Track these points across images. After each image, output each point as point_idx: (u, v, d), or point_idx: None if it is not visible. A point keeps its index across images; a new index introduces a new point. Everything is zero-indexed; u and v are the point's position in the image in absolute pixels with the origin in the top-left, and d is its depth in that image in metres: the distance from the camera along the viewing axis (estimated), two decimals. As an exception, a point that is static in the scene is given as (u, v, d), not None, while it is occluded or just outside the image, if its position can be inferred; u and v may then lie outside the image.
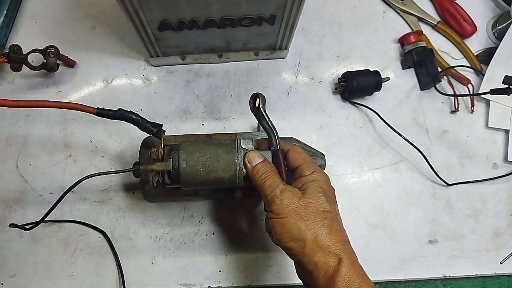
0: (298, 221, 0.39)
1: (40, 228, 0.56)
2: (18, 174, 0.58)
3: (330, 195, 0.42)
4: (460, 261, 0.59)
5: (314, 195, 0.40)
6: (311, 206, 0.40)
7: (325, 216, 0.40)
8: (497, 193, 0.61)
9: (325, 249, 0.38)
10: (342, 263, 0.37)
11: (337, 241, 0.38)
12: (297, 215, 0.39)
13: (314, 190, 0.41)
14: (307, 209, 0.39)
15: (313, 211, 0.39)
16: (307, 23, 0.66)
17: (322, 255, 0.38)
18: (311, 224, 0.39)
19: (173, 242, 0.57)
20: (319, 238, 0.38)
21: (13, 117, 0.60)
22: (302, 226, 0.39)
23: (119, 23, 0.63)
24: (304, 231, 0.38)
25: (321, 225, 0.39)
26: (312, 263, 0.38)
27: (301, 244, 0.38)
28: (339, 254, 0.37)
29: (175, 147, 0.45)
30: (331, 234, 0.39)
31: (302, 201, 0.40)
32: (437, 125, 0.63)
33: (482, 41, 0.67)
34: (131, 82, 0.62)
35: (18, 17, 0.63)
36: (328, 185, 0.43)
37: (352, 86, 0.59)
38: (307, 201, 0.40)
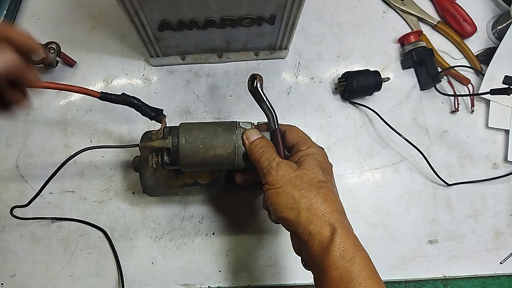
0: (293, 190, 0.39)
1: (40, 228, 0.56)
2: (18, 174, 0.58)
3: (326, 168, 0.42)
4: (460, 261, 0.59)
5: (310, 167, 0.41)
6: (306, 176, 0.40)
7: (320, 185, 0.40)
8: (497, 193, 0.61)
9: (319, 217, 0.38)
10: (337, 233, 0.36)
11: (331, 210, 0.38)
12: (292, 185, 0.39)
13: (310, 162, 0.41)
14: (302, 179, 0.39)
15: (308, 181, 0.39)
16: (307, 23, 0.66)
17: (317, 223, 0.37)
18: (305, 192, 0.39)
19: (173, 242, 0.57)
20: (314, 206, 0.38)
21: (13, 117, 0.60)
22: (297, 195, 0.39)
23: (119, 23, 0.63)
24: (298, 200, 0.38)
25: (316, 194, 0.39)
26: (307, 232, 0.38)
27: (295, 213, 0.38)
28: (334, 224, 0.37)
29: (175, 128, 0.46)
30: (325, 203, 0.38)
31: (298, 172, 0.40)
32: (437, 125, 0.63)
33: (482, 41, 0.67)
34: (131, 82, 0.62)
35: (18, 17, 0.63)
36: (324, 158, 0.43)
37: (352, 86, 0.59)
38: (302, 172, 0.40)
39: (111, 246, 0.56)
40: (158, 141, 0.43)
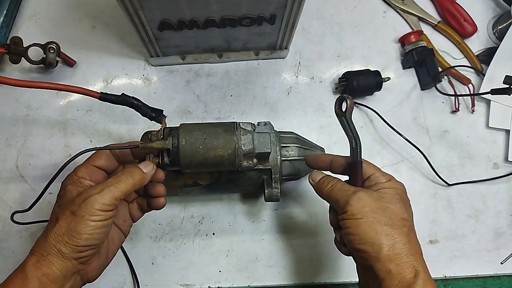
0: (375, 224, 0.37)
1: (40, 228, 0.56)
2: (18, 174, 0.58)
3: (406, 205, 0.40)
4: (461, 261, 0.59)
5: (392, 201, 0.38)
6: (388, 211, 0.38)
7: (404, 224, 0.38)
8: (497, 193, 0.61)
9: (402, 257, 0.36)
10: (419, 276, 0.35)
11: (414, 252, 0.37)
12: (374, 217, 0.37)
13: (392, 196, 0.39)
14: (385, 213, 0.37)
15: (390, 216, 0.37)
16: (308, 23, 0.66)
17: (399, 263, 0.36)
18: (389, 229, 0.37)
19: (173, 242, 0.57)
20: (397, 246, 0.36)
21: (13, 117, 0.60)
22: (380, 229, 0.37)
23: (119, 23, 0.63)
24: (381, 235, 0.36)
25: (400, 233, 0.37)
26: (386, 270, 0.36)
27: (376, 249, 0.36)
28: (416, 267, 0.36)
29: (175, 128, 0.45)
30: (409, 244, 0.37)
31: (379, 204, 0.38)
32: (438, 125, 0.63)
33: (482, 41, 0.67)
34: (131, 82, 0.62)
35: (18, 17, 0.63)
36: (405, 194, 0.41)
37: (352, 86, 0.59)
38: (384, 205, 0.38)
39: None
40: (158, 142, 0.43)
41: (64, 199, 0.39)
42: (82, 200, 0.37)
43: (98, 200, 0.37)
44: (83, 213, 0.36)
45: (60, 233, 0.36)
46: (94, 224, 0.36)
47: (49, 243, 0.36)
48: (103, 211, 0.37)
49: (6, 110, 0.60)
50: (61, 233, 0.36)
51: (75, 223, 0.36)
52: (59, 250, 0.36)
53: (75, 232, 0.36)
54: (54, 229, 0.36)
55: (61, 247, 0.36)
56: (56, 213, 0.38)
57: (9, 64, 0.59)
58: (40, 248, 0.36)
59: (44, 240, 0.37)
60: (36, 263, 0.36)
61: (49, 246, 0.36)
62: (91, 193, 0.37)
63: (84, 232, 0.36)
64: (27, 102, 0.60)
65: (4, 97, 0.60)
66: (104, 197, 0.37)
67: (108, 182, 0.39)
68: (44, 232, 0.38)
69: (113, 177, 0.39)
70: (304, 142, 0.52)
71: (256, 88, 0.63)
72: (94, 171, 0.43)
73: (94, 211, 0.36)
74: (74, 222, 0.36)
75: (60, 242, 0.36)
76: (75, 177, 0.41)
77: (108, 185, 0.38)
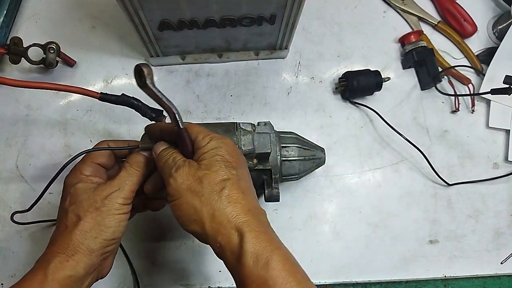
0: (193, 199, 0.35)
1: (40, 228, 0.56)
2: (18, 174, 0.58)
3: (231, 160, 0.37)
4: (461, 261, 0.59)
5: (211, 165, 0.36)
6: (206, 178, 0.35)
7: (223, 185, 0.35)
8: (497, 193, 0.61)
9: (225, 225, 0.33)
10: (245, 239, 0.32)
11: (238, 212, 0.34)
12: (192, 192, 0.35)
13: (210, 160, 0.36)
14: (202, 183, 0.35)
15: (209, 183, 0.35)
16: (308, 22, 0.66)
17: (224, 233, 0.33)
18: (206, 199, 0.34)
19: (173, 242, 0.57)
20: (217, 213, 0.34)
21: (13, 117, 0.60)
22: (198, 203, 0.34)
23: (119, 23, 0.63)
24: (200, 209, 0.34)
25: (218, 198, 0.34)
26: (216, 244, 0.34)
27: (200, 225, 0.34)
28: (241, 228, 0.33)
29: None
30: (231, 205, 0.34)
31: (198, 175, 0.35)
32: (438, 125, 0.63)
33: (482, 41, 0.67)
34: (131, 82, 0.62)
35: (18, 16, 0.63)
36: (228, 150, 0.38)
37: (352, 86, 0.59)
38: (202, 174, 0.35)
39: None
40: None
41: (78, 197, 0.39)
42: (105, 197, 0.38)
43: (119, 196, 0.38)
44: (109, 208, 0.38)
45: (86, 229, 0.37)
46: (119, 217, 0.38)
47: (74, 241, 0.36)
48: (125, 205, 0.39)
49: (6, 110, 0.60)
50: (88, 228, 0.37)
51: (102, 217, 0.37)
52: (87, 246, 0.36)
53: (103, 225, 0.37)
54: (79, 227, 0.37)
55: (89, 243, 0.36)
56: (74, 211, 0.38)
57: (9, 64, 0.59)
58: (62, 248, 0.36)
59: (67, 239, 0.37)
60: (59, 265, 0.36)
61: (75, 244, 0.36)
62: (111, 190, 0.38)
63: (112, 225, 0.38)
64: (27, 102, 0.60)
65: (4, 97, 0.60)
66: (124, 192, 0.39)
67: (121, 176, 0.40)
68: (62, 231, 0.38)
69: (123, 171, 0.40)
70: (304, 142, 0.52)
71: (256, 88, 0.63)
72: (97, 169, 0.43)
73: (118, 205, 0.38)
74: (100, 217, 0.37)
75: (88, 238, 0.36)
76: (82, 175, 0.41)
77: (124, 180, 0.39)
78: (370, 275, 0.57)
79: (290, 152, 0.50)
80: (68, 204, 0.39)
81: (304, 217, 0.58)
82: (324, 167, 0.56)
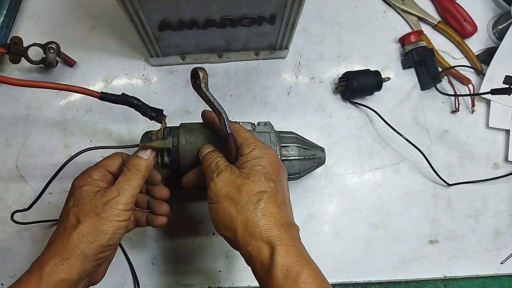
0: (230, 206, 0.35)
1: (40, 228, 0.56)
2: (18, 174, 0.58)
3: (272, 172, 0.37)
4: (461, 261, 0.59)
5: (251, 175, 0.36)
6: (245, 187, 0.35)
7: (260, 198, 0.35)
8: (497, 193, 0.61)
9: (257, 236, 0.34)
10: (276, 252, 0.33)
11: (271, 225, 0.34)
12: (230, 199, 0.35)
13: (252, 169, 0.37)
14: (241, 191, 0.35)
15: (246, 193, 0.35)
16: (308, 23, 0.66)
17: (255, 244, 0.34)
18: (242, 208, 0.35)
19: (173, 242, 0.57)
20: (250, 224, 0.34)
21: (13, 117, 0.60)
22: (234, 211, 0.35)
23: (119, 23, 0.63)
24: (235, 217, 0.35)
25: (253, 209, 0.35)
26: (246, 253, 0.34)
27: (233, 233, 0.35)
28: (273, 241, 0.33)
29: (175, 128, 0.45)
30: (264, 218, 0.34)
31: (238, 182, 0.36)
32: (438, 125, 0.63)
33: (482, 41, 0.67)
34: (131, 82, 0.62)
35: (18, 16, 0.63)
36: (270, 161, 0.38)
37: (352, 86, 0.59)
38: (242, 182, 0.36)
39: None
40: (158, 142, 0.43)
41: (82, 200, 0.39)
42: (105, 203, 0.38)
43: (120, 202, 0.38)
44: (108, 214, 0.38)
45: (84, 233, 0.37)
46: (118, 224, 0.38)
47: (71, 244, 0.36)
48: (125, 211, 0.39)
49: (6, 110, 0.60)
50: (85, 233, 0.37)
51: (100, 223, 0.37)
52: (82, 251, 0.36)
53: (100, 231, 0.37)
54: (77, 230, 0.37)
55: (84, 247, 0.37)
56: (75, 213, 0.38)
57: (9, 64, 0.59)
58: (59, 250, 0.36)
59: (64, 242, 0.37)
60: (54, 267, 0.36)
61: (71, 248, 0.36)
62: (111, 196, 0.38)
63: (109, 232, 0.37)
64: (27, 102, 0.60)
65: (4, 97, 0.60)
66: (124, 197, 0.39)
67: (120, 181, 0.40)
68: (61, 233, 0.38)
69: (122, 176, 0.40)
70: (304, 142, 0.52)
71: (256, 88, 0.63)
72: (106, 175, 0.43)
73: (118, 212, 0.38)
74: (99, 222, 0.37)
75: (84, 243, 0.37)
76: (90, 179, 0.41)
77: (123, 185, 0.39)
78: (370, 275, 0.57)
79: (290, 151, 0.50)
80: (71, 206, 0.39)
81: (304, 217, 0.58)
82: (324, 167, 0.56)
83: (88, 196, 0.39)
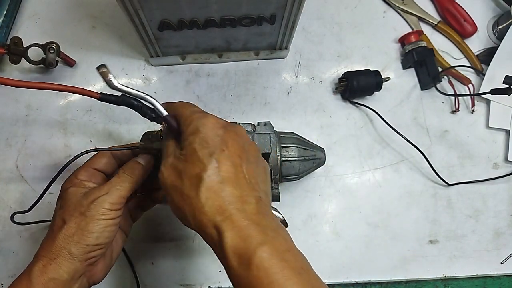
0: (177, 197, 0.33)
1: (40, 228, 0.56)
2: (18, 174, 0.58)
3: (211, 142, 0.33)
4: (461, 261, 0.59)
5: (189, 154, 0.33)
6: (185, 172, 0.32)
7: (199, 179, 0.32)
8: (497, 193, 0.61)
9: (206, 224, 0.31)
10: (224, 238, 0.30)
11: (216, 209, 0.31)
12: (174, 189, 0.33)
13: (189, 148, 0.33)
14: (182, 178, 0.32)
15: (187, 177, 0.32)
16: (308, 22, 0.66)
17: (207, 233, 0.31)
18: (186, 197, 0.32)
19: (173, 242, 0.57)
20: (197, 212, 0.31)
21: (13, 117, 0.60)
22: (181, 202, 0.32)
23: (119, 23, 0.63)
24: (183, 208, 0.32)
25: (196, 194, 0.31)
26: (206, 240, 0.32)
27: (189, 224, 0.33)
28: (219, 226, 0.30)
29: None
30: (208, 201, 0.31)
31: (178, 168, 0.33)
32: (438, 125, 0.63)
33: (482, 41, 0.67)
34: (131, 82, 0.62)
35: (18, 16, 0.63)
36: (207, 131, 0.33)
37: (352, 86, 0.59)
38: (182, 166, 0.33)
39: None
40: (158, 143, 0.43)
41: (68, 201, 0.39)
42: (91, 201, 0.37)
43: (107, 200, 0.37)
44: (93, 213, 0.36)
45: (69, 234, 0.36)
46: (105, 223, 0.37)
47: (57, 245, 0.36)
48: (113, 210, 0.37)
49: (6, 110, 0.60)
50: (71, 233, 0.36)
51: (85, 222, 0.36)
52: (69, 251, 0.36)
53: (86, 231, 0.36)
54: (63, 231, 0.36)
55: (71, 247, 0.36)
56: (61, 215, 0.38)
57: (9, 64, 0.59)
58: (46, 252, 0.36)
59: (50, 243, 0.36)
60: (42, 268, 0.35)
61: (57, 248, 0.36)
62: (99, 194, 0.37)
63: (95, 231, 0.36)
64: (27, 102, 0.60)
65: (4, 97, 0.60)
66: (112, 196, 0.38)
67: (113, 181, 0.39)
68: (49, 235, 0.38)
69: (116, 177, 0.40)
70: (304, 142, 0.52)
71: (256, 88, 0.63)
72: (94, 174, 0.42)
73: (104, 210, 0.37)
74: (84, 222, 0.36)
75: (70, 243, 0.36)
76: (76, 180, 0.41)
77: (114, 185, 0.39)
78: (370, 275, 0.57)
79: (290, 152, 0.50)
80: (58, 208, 0.39)
81: (304, 217, 0.58)
82: (324, 167, 0.56)
83: (75, 197, 0.38)
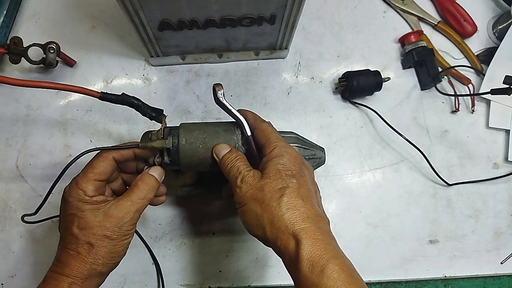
0: (255, 206, 0.37)
1: (40, 228, 0.56)
2: (18, 174, 0.58)
3: (293, 168, 0.39)
4: (461, 261, 0.59)
5: (272, 174, 0.38)
6: (267, 186, 0.37)
7: (282, 193, 0.36)
8: (497, 193, 0.61)
9: (283, 231, 0.35)
10: (301, 245, 0.33)
11: (296, 219, 0.35)
12: (254, 200, 0.37)
13: (272, 168, 0.38)
14: (264, 191, 0.37)
15: (269, 191, 0.37)
16: (308, 22, 0.66)
17: (283, 238, 0.35)
18: (266, 206, 0.36)
19: (173, 242, 0.57)
20: (275, 219, 0.35)
21: (13, 117, 0.60)
22: (259, 210, 0.36)
23: (119, 23, 0.63)
24: (261, 215, 0.36)
25: (277, 205, 0.36)
26: (276, 249, 0.36)
27: (262, 230, 0.36)
28: (298, 234, 0.34)
29: (175, 128, 0.45)
30: (289, 212, 0.36)
31: (260, 183, 0.37)
32: (438, 125, 0.63)
33: (482, 41, 0.67)
34: (131, 82, 0.62)
35: (18, 16, 0.63)
36: (290, 159, 0.39)
37: (352, 86, 0.59)
38: (264, 182, 0.37)
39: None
40: (158, 142, 0.43)
41: (87, 223, 0.39)
42: (115, 225, 0.39)
43: (128, 222, 0.40)
44: (119, 236, 0.39)
45: (99, 257, 0.39)
46: (128, 241, 0.41)
47: (88, 267, 0.38)
48: (133, 227, 0.41)
49: (6, 110, 0.60)
50: (101, 257, 0.39)
51: (113, 245, 0.39)
52: (100, 271, 0.39)
53: (114, 253, 0.40)
54: (91, 255, 0.38)
55: (102, 269, 0.39)
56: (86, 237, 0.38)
57: (9, 64, 0.59)
58: (76, 272, 0.38)
59: (80, 265, 0.38)
60: (72, 285, 0.38)
61: (89, 270, 0.38)
62: (121, 216, 0.39)
63: (121, 250, 0.41)
64: (27, 102, 0.60)
65: (4, 97, 0.60)
66: (132, 216, 0.40)
67: (130, 198, 0.41)
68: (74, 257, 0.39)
69: (132, 192, 0.41)
70: (304, 142, 0.52)
71: (256, 88, 0.63)
72: (99, 186, 0.42)
73: (127, 232, 0.40)
74: (111, 245, 0.39)
75: (100, 265, 0.39)
76: (87, 197, 0.40)
77: (134, 204, 0.40)
78: (370, 275, 0.57)
79: (290, 152, 0.50)
80: (76, 229, 0.39)
81: (304, 217, 0.58)
82: (324, 167, 0.56)
83: (95, 218, 0.39)
